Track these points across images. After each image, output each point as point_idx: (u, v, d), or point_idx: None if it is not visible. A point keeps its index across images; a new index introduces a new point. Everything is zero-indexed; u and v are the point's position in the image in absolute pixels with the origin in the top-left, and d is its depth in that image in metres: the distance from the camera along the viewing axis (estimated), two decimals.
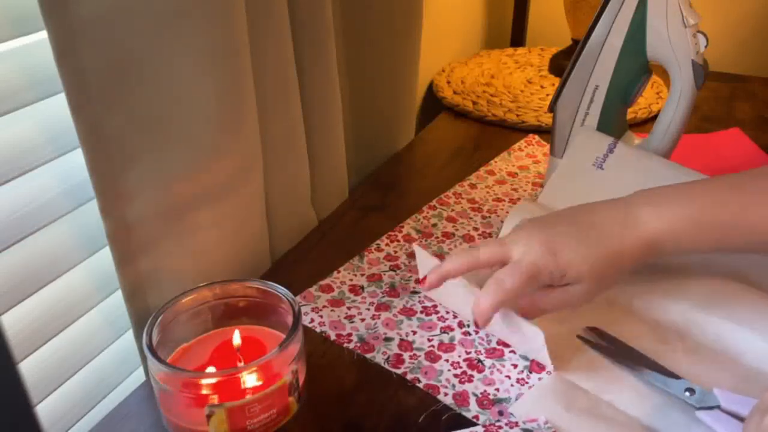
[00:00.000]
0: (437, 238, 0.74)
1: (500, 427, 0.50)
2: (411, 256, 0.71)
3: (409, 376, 0.56)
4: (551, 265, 0.52)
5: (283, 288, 0.54)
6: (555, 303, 0.54)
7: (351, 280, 0.67)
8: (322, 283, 0.67)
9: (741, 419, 0.47)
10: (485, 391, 0.54)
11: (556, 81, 1.14)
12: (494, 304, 0.52)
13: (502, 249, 0.54)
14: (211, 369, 0.52)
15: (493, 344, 0.59)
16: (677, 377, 0.52)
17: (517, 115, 1.02)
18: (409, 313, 0.63)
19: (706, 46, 0.70)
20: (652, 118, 1.02)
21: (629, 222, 0.54)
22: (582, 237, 0.53)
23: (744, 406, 0.47)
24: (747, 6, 1.24)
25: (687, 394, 0.50)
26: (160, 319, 0.51)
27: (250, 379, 0.48)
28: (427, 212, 0.79)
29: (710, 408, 0.49)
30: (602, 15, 0.72)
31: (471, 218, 0.78)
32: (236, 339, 0.53)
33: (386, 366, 0.57)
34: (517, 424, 0.50)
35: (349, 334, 0.60)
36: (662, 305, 0.60)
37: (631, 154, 0.73)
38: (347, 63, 0.82)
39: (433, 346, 0.59)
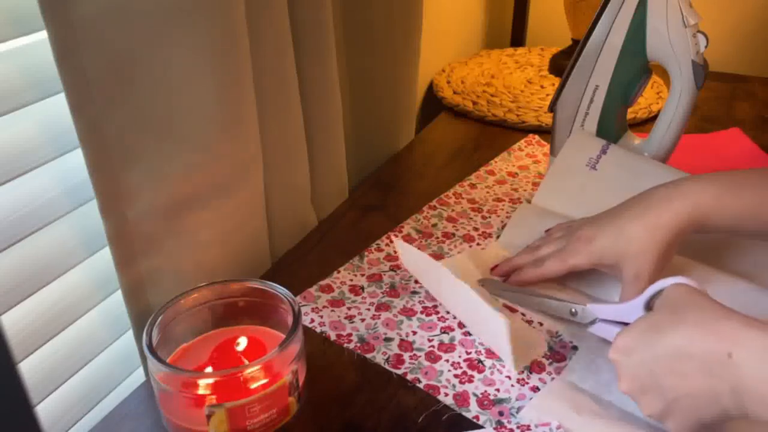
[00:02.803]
0: (437, 238, 0.74)
1: (511, 431, 0.50)
2: None
3: (409, 377, 0.56)
4: (596, 258, 0.59)
5: (283, 288, 0.54)
6: (627, 296, 0.57)
7: (351, 280, 0.67)
8: (322, 283, 0.67)
9: (617, 323, 0.54)
10: (485, 391, 0.54)
11: (556, 81, 1.14)
12: (557, 272, 0.62)
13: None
14: (209, 369, 0.52)
15: None
16: (561, 300, 0.59)
17: (517, 115, 1.02)
18: (409, 313, 0.63)
19: (706, 46, 0.70)
20: (652, 118, 1.02)
21: (672, 194, 0.56)
22: (623, 229, 0.57)
23: (615, 312, 0.54)
24: (747, 6, 1.24)
25: (571, 314, 0.57)
26: (160, 319, 0.51)
27: (250, 379, 0.48)
28: (427, 212, 0.79)
29: (593, 322, 0.55)
30: (602, 15, 0.72)
31: (471, 218, 0.78)
32: (242, 344, 0.53)
33: (386, 366, 0.57)
34: (528, 427, 0.50)
35: (349, 335, 0.60)
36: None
37: (624, 155, 0.74)
38: (347, 63, 0.82)
39: (433, 346, 0.59)
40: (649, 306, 0.50)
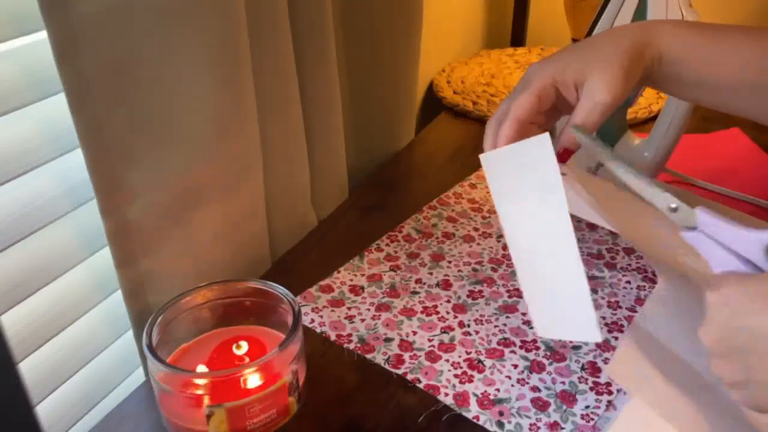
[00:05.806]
0: (437, 238, 0.74)
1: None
2: (411, 256, 0.71)
3: (409, 377, 0.56)
4: (559, 71, 0.51)
5: (283, 288, 0.54)
6: (583, 109, 0.51)
7: (351, 280, 0.67)
8: (322, 283, 0.67)
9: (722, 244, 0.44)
10: (485, 391, 0.54)
11: None
12: (509, 136, 0.53)
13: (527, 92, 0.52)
14: (208, 369, 0.52)
15: (494, 344, 0.59)
16: (663, 190, 0.47)
17: None
18: (409, 313, 0.63)
19: None
20: (652, 118, 1.02)
21: (644, 26, 0.53)
22: (588, 44, 0.52)
23: (729, 233, 0.43)
24: (747, 6, 1.24)
25: (670, 209, 0.46)
26: (160, 319, 0.51)
27: (250, 379, 0.48)
28: (427, 212, 0.79)
29: (692, 229, 0.45)
30: (602, 15, 0.72)
31: (471, 218, 0.78)
32: (242, 344, 0.53)
33: (386, 366, 0.57)
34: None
35: (350, 335, 0.60)
36: None
37: (583, 177, 0.67)
38: (347, 63, 0.82)
39: (433, 346, 0.59)
40: None
